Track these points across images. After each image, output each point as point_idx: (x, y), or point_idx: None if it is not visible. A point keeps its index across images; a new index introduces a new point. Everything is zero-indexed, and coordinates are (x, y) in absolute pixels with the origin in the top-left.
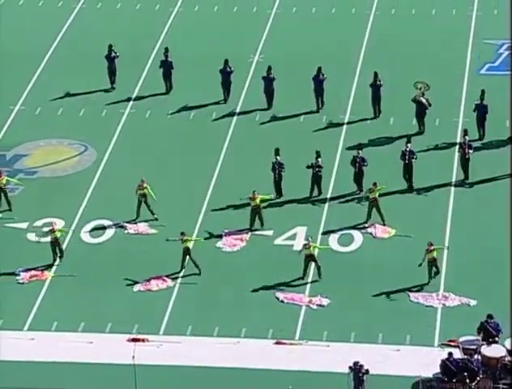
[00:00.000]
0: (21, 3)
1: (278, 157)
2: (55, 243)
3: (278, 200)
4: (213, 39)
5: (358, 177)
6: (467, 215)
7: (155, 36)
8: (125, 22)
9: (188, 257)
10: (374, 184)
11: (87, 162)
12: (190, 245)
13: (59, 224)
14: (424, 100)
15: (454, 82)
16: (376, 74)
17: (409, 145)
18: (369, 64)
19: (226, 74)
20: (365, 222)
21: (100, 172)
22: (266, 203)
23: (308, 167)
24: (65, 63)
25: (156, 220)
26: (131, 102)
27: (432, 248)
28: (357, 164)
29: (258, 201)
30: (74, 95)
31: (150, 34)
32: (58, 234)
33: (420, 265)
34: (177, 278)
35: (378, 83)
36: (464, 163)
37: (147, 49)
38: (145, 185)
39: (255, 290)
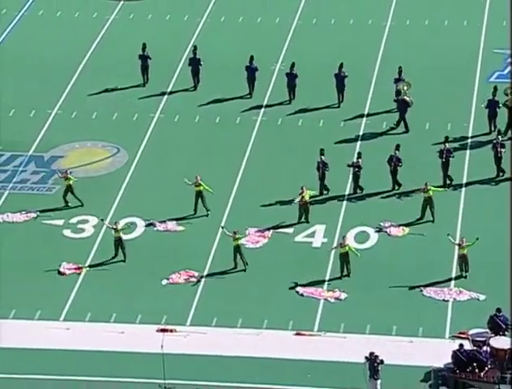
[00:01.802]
0: (58, 14)
1: (322, 157)
2: (118, 242)
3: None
4: (238, 48)
5: (393, 175)
6: (477, 212)
7: (184, 46)
8: (156, 31)
9: (238, 254)
10: (426, 184)
11: (119, 163)
12: (239, 242)
13: (121, 223)
14: (408, 99)
15: (465, 88)
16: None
17: (447, 144)
18: (385, 72)
19: (251, 70)
20: (420, 218)
21: (131, 172)
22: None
23: (349, 165)
24: (99, 70)
25: (207, 216)
26: (161, 107)
27: (464, 244)
28: (393, 164)
29: (307, 197)
30: (107, 100)
31: (179, 43)
32: (121, 233)
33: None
34: (203, 272)
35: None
36: (497, 161)
37: (176, 57)
38: (199, 183)
39: (276, 284)
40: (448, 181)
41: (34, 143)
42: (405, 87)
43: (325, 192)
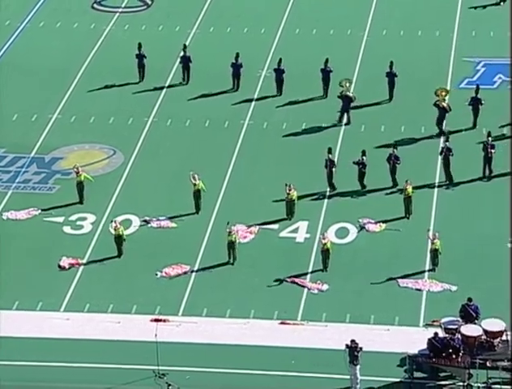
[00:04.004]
0: (58, 25)
1: (330, 155)
2: (119, 239)
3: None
4: (226, 56)
5: (392, 173)
6: (451, 208)
7: (176, 55)
8: (149, 41)
9: (231, 249)
10: (406, 182)
11: (116, 164)
12: (233, 238)
13: (119, 221)
14: (350, 94)
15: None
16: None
17: (447, 143)
18: (363, 78)
19: (236, 67)
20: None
21: (126, 173)
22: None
23: (354, 163)
24: (96, 77)
25: (197, 213)
26: (154, 112)
27: (435, 240)
28: (391, 162)
29: (293, 195)
30: (104, 105)
31: (171, 52)
32: (120, 231)
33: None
34: (194, 266)
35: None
36: (487, 161)
37: (168, 65)
38: (197, 181)
39: (262, 277)
40: (448, 180)
41: (36, 145)
42: (347, 84)
43: (330, 190)
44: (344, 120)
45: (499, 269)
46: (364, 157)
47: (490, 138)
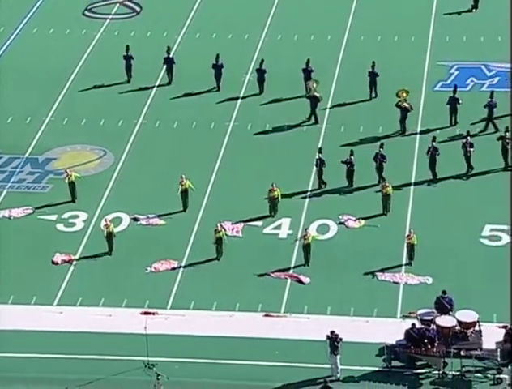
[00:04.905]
0: (51, 32)
1: (320, 154)
2: (109, 237)
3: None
4: (211, 60)
5: (379, 171)
6: (426, 206)
7: (161, 59)
8: (138, 46)
9: (219, 245)
10: (384, 180)
11: (107, 164)
12: (221, 235)
13: (110, 219)
14: (317, 95)
15: (413, 96)
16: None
17: (433, 143)
18: (342, 81)
19: (218, 67)
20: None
21: (117, 172)
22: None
23: (342, 162)
24: (87, 81)
25: (185, 211)
26: (143, 114)
27: (412, 235)
28: (378, 160)
29: (276, 193)
30: (95, 107)
31: (159, 57)
32: (111, 229)
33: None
34: (182, 261)
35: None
36: (467, 159)
37: (156, 69)
38: (184, 181)
39: (247, 271)
40: (433, 177)
41: (30, 146)
42: (314, 85)
43: (322, 186)
44: (313, 120)
45: (472, 263)
46: (352, 156)
47: (469, 138)
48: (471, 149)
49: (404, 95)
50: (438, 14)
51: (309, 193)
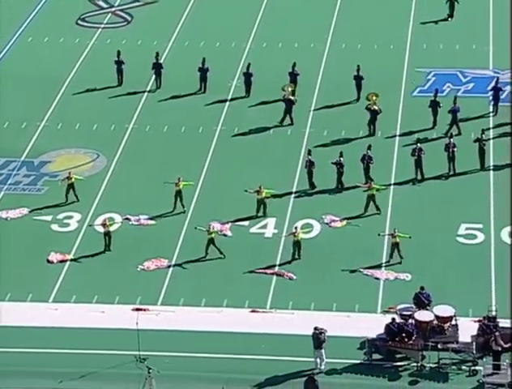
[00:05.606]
0: (46, 40)
1: (309, 156)
2: (107, 235)
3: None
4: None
5: (366, 172)
6: (406, 206)
7: (149, 67)
8: (130, 54)
9: (212, 245)
10: (370, 183)
11: (99, 167)
12: (213, 236)
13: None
14: (292, 98)
15: (392, 102)
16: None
17: (419, 144)
18: (325, 87)
19: (203, 71)
20: (363, 214)
21: (109, 175)
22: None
23: (332, 163)
24: (81, 87)
25: (184, 212)
26: (134, 118)
27: (396, 234)
28: (365, 161)
29: (263, 194)
30: (88, 113)
31: (149, 65)
32: (110, 228)
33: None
34: (172, 260)
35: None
36: (450, 160)
37: (146, 76)
38: (180, 183)
39: (234, 269)
40: (420, 177)
41: (25, 150)
42: (289, 89)
43: (312, 188)
44: (288, 121)
45: (448, 260)
46: (341, 158)
47: (452, 139)
48: (455, 149)
49: (374, 98)
50: (416, 23)
51: (293, 193)
